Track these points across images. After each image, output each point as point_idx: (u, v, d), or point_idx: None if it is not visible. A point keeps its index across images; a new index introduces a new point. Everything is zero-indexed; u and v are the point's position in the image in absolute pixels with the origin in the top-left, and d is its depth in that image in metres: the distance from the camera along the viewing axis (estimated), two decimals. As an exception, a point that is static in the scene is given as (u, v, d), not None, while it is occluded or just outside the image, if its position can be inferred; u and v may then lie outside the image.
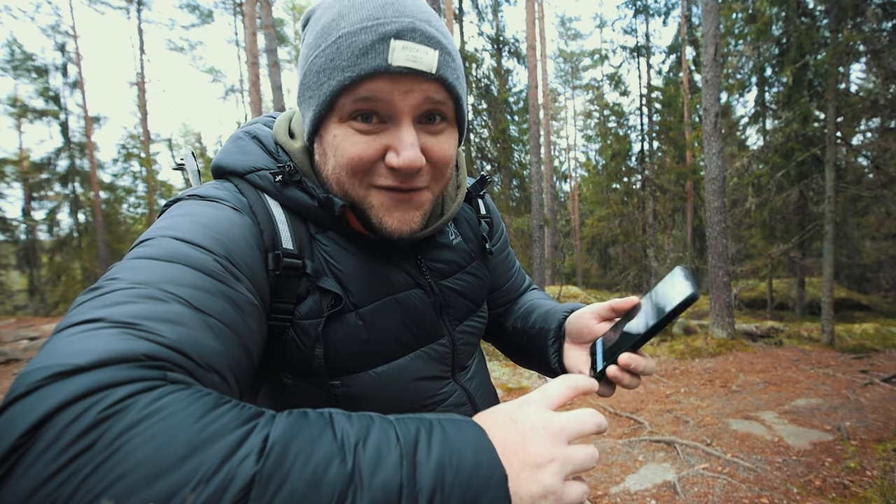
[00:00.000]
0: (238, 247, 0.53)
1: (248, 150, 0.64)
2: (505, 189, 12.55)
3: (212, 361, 0.42)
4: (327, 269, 0.61)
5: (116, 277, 0.44)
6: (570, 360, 0.72)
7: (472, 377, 0.78)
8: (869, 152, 9.32)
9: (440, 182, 0.62)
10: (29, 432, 0.30)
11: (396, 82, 0.53)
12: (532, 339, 0.81)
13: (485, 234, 0.81)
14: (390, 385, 0.65)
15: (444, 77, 0.55)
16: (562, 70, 32.72)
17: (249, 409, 0.37)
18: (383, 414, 0.43)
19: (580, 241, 25.90)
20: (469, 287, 0.75)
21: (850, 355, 6.61)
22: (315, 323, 0.59)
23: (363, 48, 0.52)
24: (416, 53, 0.52)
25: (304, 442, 0.36)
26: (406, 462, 0.38)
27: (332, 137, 0.57)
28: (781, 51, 10.16)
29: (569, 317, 0.75)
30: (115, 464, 0.29)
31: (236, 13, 20.53)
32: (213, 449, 0.32)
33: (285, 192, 0.60)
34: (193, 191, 0.60)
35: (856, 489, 2.82)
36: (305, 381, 0.62)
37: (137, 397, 0.33)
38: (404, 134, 0.55)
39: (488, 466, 0.41)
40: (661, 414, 4.36)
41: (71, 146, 16.77)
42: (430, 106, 0.56)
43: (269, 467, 0.33)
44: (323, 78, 0.55)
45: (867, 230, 14.10)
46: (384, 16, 0.53)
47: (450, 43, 0.58)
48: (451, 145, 0.61)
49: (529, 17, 12.63)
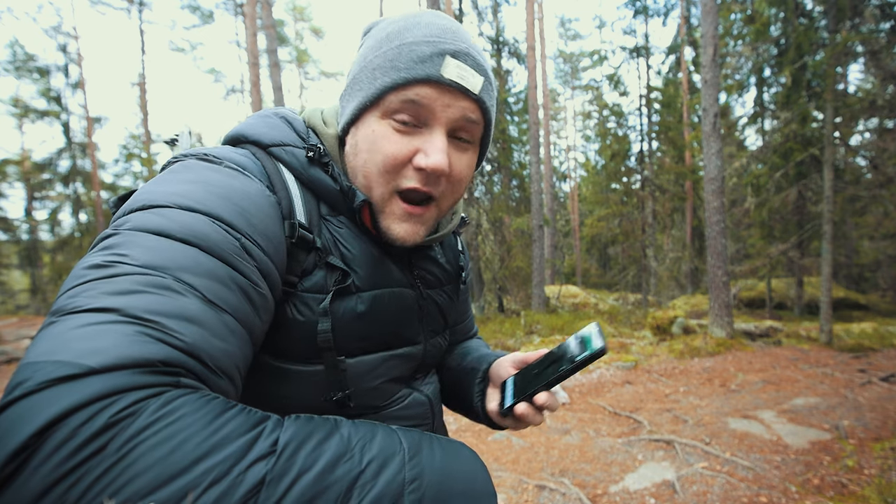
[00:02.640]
0: (260, 219, 0.52)
1: (276, 126, 0.64)
2: (505, 189, 12.56)
3: (223, 364, 0.42)
4: (335, 248, 0.62)
5: (125, 254, 0.42)
6: (491, 402, 0.75)
7: (429, 384, 0.79)
8: (867, 152, 9.34)
9: (451, 199, 0.65)
10: (39, 433, 0.29)
11: (442, 93, 0.58)
12: (462, 377, 0.84)
13: (462, 265, 0.84)
14: (368, 376, 0.65)
15: (483, 100, 0.61)
16: (561, 70, 32.75)
17: (256, 413, 0.38)
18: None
19: (580, 241, 25.91)
20: (446, 304, 0.78)
21: (849, 354, 6.64)
22: (320, 298, 0.59)
23: (422, 56, 0.57)
24: (465, 73, 0.58)
25: (313, 444, 0.38)
26: (410, 463, 0.41)
27: (371, 132, 0.60)
28: (780, 51, 10.18)
29: (493, 363, 0.79)
30: (125, 467, 0.30)
31: (237, 14, 20.54)
32: (222, 452, 0.33)
33: (310, 172, 0.61)
34: (204, 151, 0.57)
35: (854, 488, 2.84)
36: (304, 364, 0.60)
37: (148, 401, 0.33)
38: (437, 139, 0.59)
39: (483, 481, 0.46)
40: (661, 413, 4.38)
41: (72, 146, 16.77)
42: (465, 123, 0.60)
43: (279, 469, 0.34)
44: (378, 74, 0.59)
45: (865, 230, 14.11)
46: (445, 37, 0.59)
47: (492, 79, 0.64)
48: (471, 166, 0.66)
49: (529, 18, 12.64)
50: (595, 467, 3.28)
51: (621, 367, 6.37)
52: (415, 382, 0.75)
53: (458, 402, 0.86)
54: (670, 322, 8.48)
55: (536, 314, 10.68)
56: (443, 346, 0.80)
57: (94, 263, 0.41)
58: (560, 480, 3.08)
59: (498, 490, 3.01)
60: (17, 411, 0.31)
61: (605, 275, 24.84)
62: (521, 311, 11.06)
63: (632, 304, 14.30)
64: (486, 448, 3.70)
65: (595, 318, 9.86)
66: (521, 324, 9.50)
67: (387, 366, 0.67)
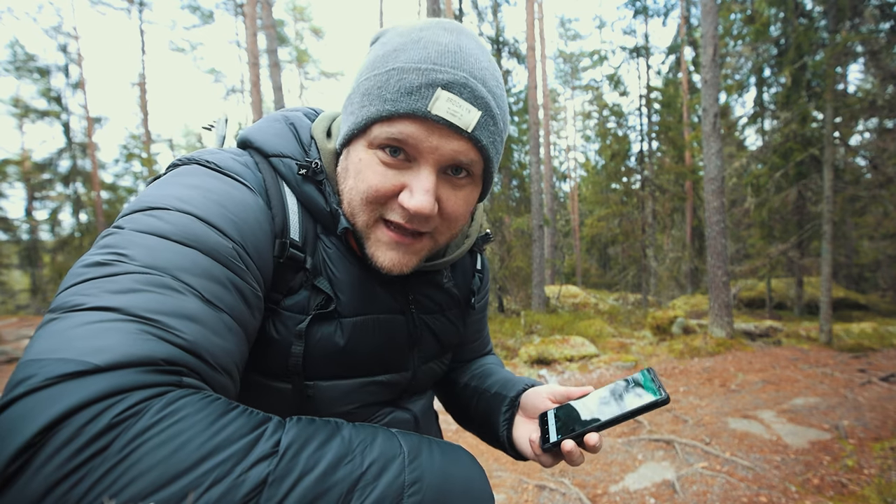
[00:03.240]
0: (252, 231, 0.52)
1: (281, 134, 0.63)
2: (505, 189, 12.57)
3: (223, 362, 0.43)
4: (324, 269, 0.60)
5: (126, 254, 0.42)
6: (520, 432, 0.72)
7: (417, 401, 0.76)
8: (867, 152, 9.34)
9: (446, 234, 0.62)
10: (44, 431, 0.29)
11: (430, 131, 0.53)
12: (485, 402, 0.79)
13: (474, 289, 0.80)
14: (342, 401, 0.63)
15: (477, 138, 0.55)
16: (561, 70, 32.75)
17: (258, 414, 0.39)
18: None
19: (580, 241, 25.91)
20: (444, 331, 0.74)
21: (848, 354, 6.64)
22: (299, 318, 0.57)
23: (410, 88, 0.52)
24: (458, 108, 0.52)
25: (315, 446, 0.38)
26: (411, 466, 0.42)
27: (358, 160, 0.57)
28: (780, 51, 10.18)
29: (527, 391, 0.74)
30: (128, 467, 0.30)
31: (237, 14, 20.55)
32: (224, 453, 0.33)
33: (303, 188, 0.60)
34: (206, 156, 0.56)
35: (854, 487, 2.84)
36: (273, 379, 0.59)
37: (151, 401, 0.33)
38: (423, 178, 0.54)
39: (481, 484, 0.46)
40: (660, 413, 4.38)
41: (73, 146, 16.77)
42: (456, 163, 0.56)
43: (282, 470, 0.35)
44: (365, 101, 0.55)
45: (865, 230, 14.12)
46: (441, 63, 0.52)
47: (498, 106, 0.57)
48: (469, 202, 0.61)
49: (529, 18, 12.64)
50: (595, 467, 3.28)
51: (621, 367, 6.37)
52: (400, 401, 0.72)
53: (478, 425, 0.82)
54: (670, 322, 8.48)
55: (536, 314, 10.68)
56: (439, 371, 0.78)
57: (95, 261, 0.41)
58: (560, 480, 3.08)
59: (498, 490, 3.02)
60: (20, 409, 0.30)
61: (605, 275, 24.85)
62: (521, 311, 11.06)
63: (632, 304, 14.31)
64: (486, 448, 3.70)
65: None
66: (521, 324, 9.50)
67: (365, 391, 0.65)
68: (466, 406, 0.83)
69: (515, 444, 0.72)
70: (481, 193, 0.64)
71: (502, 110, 0.59)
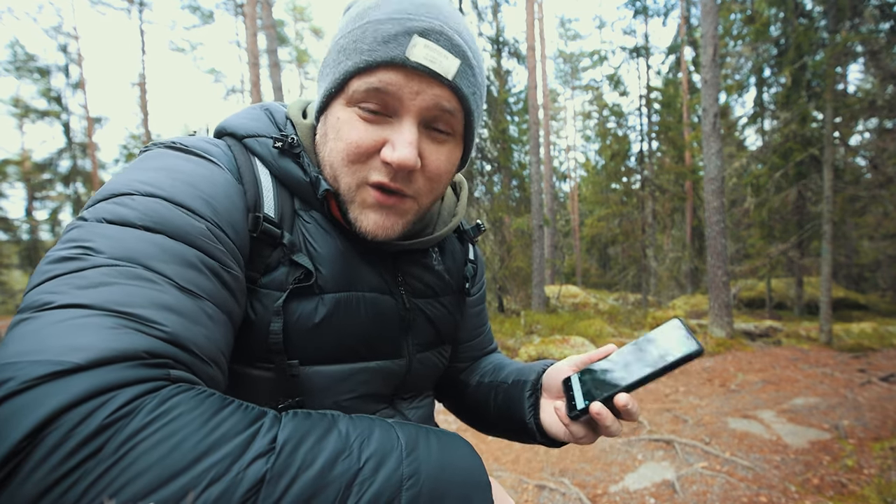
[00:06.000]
0: (225, 207, 0.50)
1: (256, 117, 0.62)
2: (505, 189, 12.56)
3: (208, 351, 0.42)
4: (303, 245, 0.58)
5: (91, 247, 0.40)
6: (548, 414, 0.67)
7: (416, 408, 0.71)
8: (867, 152, 9.34)
9: (430, 195, 0.60)
10: (31, 435, 0.28)
11: (410, 78, 0.52)
12: (504, 393, 0.75)
13: (468, 276, 0.77)
14: (332, 390, 0.59)
15: (458, 86, 0.53)
16: (561, 70, 32.79)
17: (253, 409, 0.38)
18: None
19: (580, 241, 25.92)
20: (439, 317, 0.71)
21: (848, 354, 6.64)
22: (277, 295, 0.54)
23: (386, 37, 0.51)
24: (436, 55, 0.51)
25: (312, 441, 0.38)
26: (408, 459, 0.41)
27: (336, 119, 0.55)
28: (780, 51, 10.18)
29: (547, 370, 0.71)
30: (124, 468, 0.29)
31: (237, 14, 20.56)
32: (221, 450, 0.33)
33: (280, 163, 0.58)
34: (173, 139, 0.55)
35: (853, 487, 2.84)
36: (255, 366, 0.55)
37: (144, 399, 0.32)
38: (405, 131, 0.53)
39: (478, 472, 0.46)
40: (660, 413, 4.38)
41: (73, 146, 16.80)
42: (439, 112, 0.54)
43: (279, 466, 0.34)
44: (342, 57, 0.54)
45: (865, 230, 14.11)
46: (416, 13, 0.52)
47: (475, 58, 0.56)
48: (451, 160, 0.59)
49: (529, 18, 12.64)
50: (595, 467, 3.28)
51: (621, 367, 6.37)
52: (399, 404, 0.69)
53: (502, 422, 0.76)
54: (670, 322, 8.47)
55: (536, 314, 10.68)
56: (438, 364, 0.73)
57: (60, 257, 0.39)
58: (560, 480, 3.08)
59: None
60: (3, 413, 0.29)
61: (605, 275, 24.85)
62: (521, 310, 11.06)
63: (632, 304, 14.30)
64: (487, 448, 3.71)
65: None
66: (521, 324, 9.50)
67: (356, 380, 0.61)
68: (485, 405, 0.79)
69: (545, 427, 0.67)
70: (462, 157, 0.63)
71: (480, 65, 0.58)
